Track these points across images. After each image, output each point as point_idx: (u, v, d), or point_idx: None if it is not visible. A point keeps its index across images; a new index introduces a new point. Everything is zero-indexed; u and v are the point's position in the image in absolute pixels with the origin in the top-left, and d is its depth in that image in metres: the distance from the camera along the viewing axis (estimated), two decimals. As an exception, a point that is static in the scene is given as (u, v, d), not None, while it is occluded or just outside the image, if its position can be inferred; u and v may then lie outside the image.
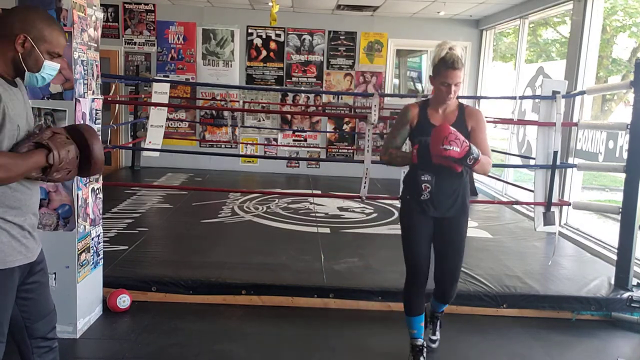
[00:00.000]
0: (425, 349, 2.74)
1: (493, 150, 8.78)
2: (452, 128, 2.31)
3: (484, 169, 2.43)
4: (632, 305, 3.50)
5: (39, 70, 1.69)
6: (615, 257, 3.93)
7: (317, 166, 8.74)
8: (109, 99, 6.36)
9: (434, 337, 2.98)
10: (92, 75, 2.96)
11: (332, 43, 8.48)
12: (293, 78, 8.51)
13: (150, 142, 6.16)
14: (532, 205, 4.27)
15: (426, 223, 2.60)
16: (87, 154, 1.72)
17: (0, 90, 1.60)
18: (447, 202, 2.55)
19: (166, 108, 6.63)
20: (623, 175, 3.78)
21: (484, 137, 2.53)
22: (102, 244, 3.21)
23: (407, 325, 2.75)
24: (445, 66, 2.42)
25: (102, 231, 3.20)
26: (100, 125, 3.07)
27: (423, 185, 2.50)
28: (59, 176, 1.68)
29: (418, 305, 2.70)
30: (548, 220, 4.01)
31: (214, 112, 8.54)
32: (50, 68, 1.71)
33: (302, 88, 8.56)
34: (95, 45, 3.00)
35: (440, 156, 2.30)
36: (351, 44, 8.48)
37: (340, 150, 8.80)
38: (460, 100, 2.60)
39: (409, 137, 2.62)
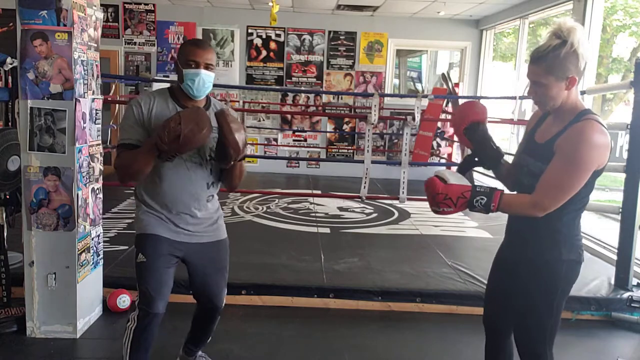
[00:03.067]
0: None
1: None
2: (440, 184, 1.72)
3: (513, 210, 1.79)
4: (632, 305, 3.50)
5: (183, 80, 2.04)
6: (615, 257, 3.93)
7: (317, 166, 8.74)
8: (109, 99, 6.36)
9: None
10: (92, 75, 2.96)
11: (332, 43, 8.48)
12: (293, 78, 8.51)
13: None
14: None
15: (498, 270, 2.05)
16: (221, 139, 1.98)
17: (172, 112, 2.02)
18: (515, 240, 1.94)
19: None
20: (623, 175, 3.78)
21: (556, 171, 1.69)
22: (102, 244, 3.21)
23: None
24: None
25: (102, 231, 3.20)
26: (100, 125, 3.07)
27: None
28: (169, 148, 1.90)
29: None
30: (548, 220, 4.01)
31: (214, 112, 8.53)
32: (188, 74, 2.02)
33: (302, 88, 8.56)
34: (95, 45, 3.00)
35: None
36: (351, 44, 8.48)
37: (340, 150, 8.80)
38: (586, 109, 1.77)
39: None
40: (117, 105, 7.53)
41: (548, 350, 1.90)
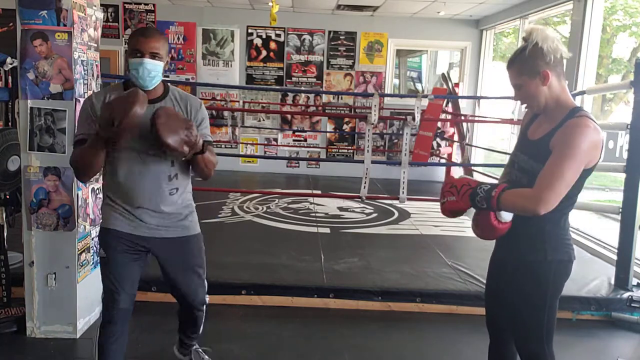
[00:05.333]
0: None
1: (491, 150, 8.56)
2: (452, 177, 1.91)
3: (514, 202, 1.72)
4: (632, 305, 3.50)
5: (129, 69, 2.01)
6: (615, 257, 3.93)
7: (317, 166, 8.74)
8: (109, 99, 6.33)
9: None
10: (92, 75, 2.96)
11: (332, 43, 8.48)
12: (293, 78, 8.51)
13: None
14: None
15: (493, 271, 2.08)
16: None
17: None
18: (504, 241, 1.95)
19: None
20: (623, 175, 3.78)
21: (552, 163, 1.70)
22: (102, 244, 3.20)
23: None
24: None
25: (102, 231, 3.20)
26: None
27: None
28: (107, 133, 1.88)
29: None
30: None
31: (214, 112, 8.53)
32: (133, 64, 1.99)
33: (302, 88, 8.56)
34: (95, 45, 3.00)
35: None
36: (351, 44, 8.48)
37: (340, 150, 8.80)
38: (577, 107, 1.83)
39: None
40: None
41: (547, 348, 1.91)
